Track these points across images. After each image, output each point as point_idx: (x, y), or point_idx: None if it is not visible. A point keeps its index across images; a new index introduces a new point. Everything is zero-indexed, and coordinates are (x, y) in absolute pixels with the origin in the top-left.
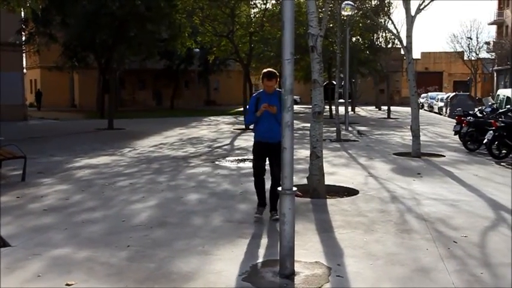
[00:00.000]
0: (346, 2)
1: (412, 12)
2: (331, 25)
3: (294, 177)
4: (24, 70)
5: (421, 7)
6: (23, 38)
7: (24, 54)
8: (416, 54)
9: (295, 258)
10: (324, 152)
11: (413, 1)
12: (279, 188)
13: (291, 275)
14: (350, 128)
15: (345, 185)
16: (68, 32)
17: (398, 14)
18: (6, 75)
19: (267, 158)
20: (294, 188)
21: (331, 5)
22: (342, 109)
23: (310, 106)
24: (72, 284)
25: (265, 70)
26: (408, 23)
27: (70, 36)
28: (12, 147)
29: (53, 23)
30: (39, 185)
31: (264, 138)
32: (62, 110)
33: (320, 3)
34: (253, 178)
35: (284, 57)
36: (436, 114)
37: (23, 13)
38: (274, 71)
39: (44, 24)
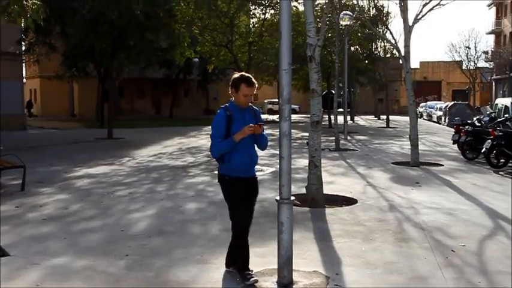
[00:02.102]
0: (344, 12)
1: (410, 22)
2: (329, 35)
3: (292, 187)
4: (24, 80)
5: (418, 17)
6: (23, 48)
7: (24, 64)
8: (415, 63)
9: (294, 267)
10: (323, 161)
11: (411, 11)
12: (277, 198)
13: (289, 284)
14: (349, 137)
15: (343, 194)
16: (67, 42)
17: (396, 24)
18: (6, 85)
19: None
20: (292, 197)
21: (330, 15)
22: (340, 118)
23: (309, 115)
24: None
25: (237, 75)
26: (406, 32)
27: (69, 45)
28: (11, 157)
29: (53, 33)
30: (38, 194)
31: (245, 171)
32: (61, 119)
33: (318, 13)
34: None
35: (281, 67)
36: (434, 123)
37: (23, 23)
38: (251, 76)
39: (44, 34)
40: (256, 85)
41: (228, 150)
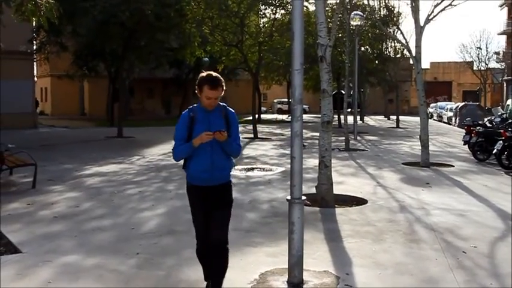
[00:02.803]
0: (355, 12)
1: (421, 23)
2: (340, 35)
3: (303, 187)
4: (35, 78)
5: (430, 17)
6: (34, 47)
7: (35, 63)
8: (425, 64)
9: (304, 267)
10: (333, 161)
11: (422, 11)
12: (288, 197)
13: (299, 284)
14: (359, 138)
15: (353, 195)
16: (78, 41)
17: (407, 24)
18: (17, 84)
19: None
20: (303, 197)
21: (340, 15)
22: (350, 118)
23: (319, 115)
24: None
25: (204, 74)
26: (417, 33)
27: (80, 45)
28: (23, 155)
29: (64, 33)
30: (49, 192)
31: (203, 179)
32: (71, 118)
33: (329, 14)
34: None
35: (294, 67)
36: (445, 124)
37: (34, 22)
38: (219, 76)
39: (56, 33)
40: (224, 87)
41: (187, 155)
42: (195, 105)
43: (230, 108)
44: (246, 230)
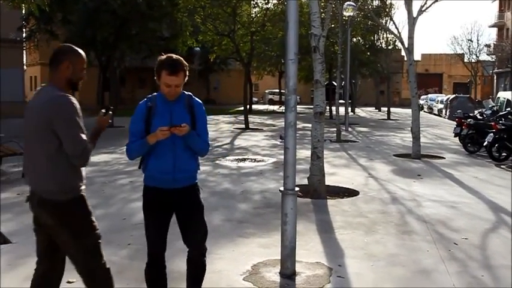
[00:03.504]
0: (347, 2)
1: (414, 14)
2: (332, 26)
3: (296, 177)
4: (25, 67)
5: (423, 9)
6: (24, 35)
7: (24, 51)
8: (416, 55)
9: (296, 258)
10: (324, 152)
11: (415, 2)
12: (281, 188)
13: (292, 275)
14: (350, 129)
15: (345, 186)
16: (69, 29)
17: (399, 15)
18: (7, 72)
19: (175, 217)
20: (297, 188)
21: (333, 6)
22: (342, 110)
23: (310, 106)
24: (73, 282)
25: (163, 56)
26: (410, 24)
27: (71, 33)
28: (12, 144)
29: (54, 20)
30: None
31: (163, 181)
32: None
33: (322, 4)
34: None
35: (288, 58)
36: (435, 116)
37: (23, 10)
38: (181, 59)
39: (46, 21)
40: (186, 72)
41: (143, 153)
42: (155, 93)
43: (196, 98)
44: (238, 221)
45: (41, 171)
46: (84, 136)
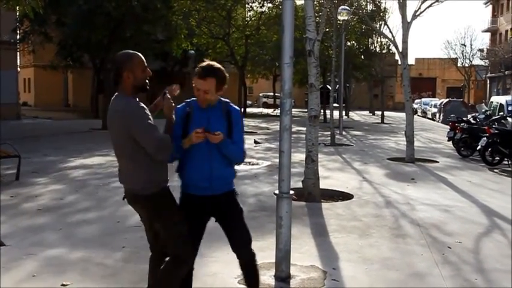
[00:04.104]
0: (342, 7)
1: (408, 18)
2: (327, 29)
3: (290, 181)
4: (18, 69)
5: (417, 13)
6: (18, 37)
7: (18, 53)
8: (410, 60)
9: (291, 262)
10: (319, 156)
11: (409, 7)
12: (276, 192)
13: (286, 278)
14: (344, 133)
15: (339, 189)
16: (63, 32)
17: (394, 20)
18: (0, 74)
19: (219, 224)
20: (291, 192)
21: (328, 10)
22: (336, 113)
23: (304, 110)
24: (67, 285)
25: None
26: (404, 28)
27: (65, 35)
28: (6, 146)
29: (48, 22)
30: (33, 185)
31: (200, 188)
32: (55, 110)
33: (317, 8)
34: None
35: (283, 61)
36: (429, 120)
37: (18, 12)
38: (215, 66)
39: (40, 23)
40: (219, 78)
41: (178, 157)
42: (194, 99)
43: (234, 105)
44: None
45: (128, 171)
46: (155, 133)
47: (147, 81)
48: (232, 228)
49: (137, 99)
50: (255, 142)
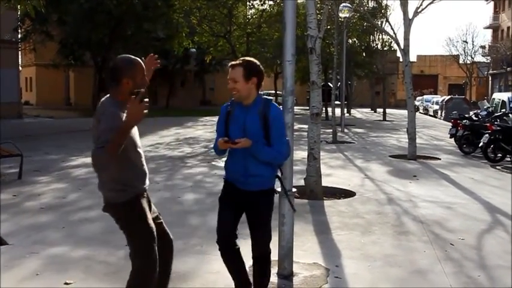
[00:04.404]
0: (343, 4)
1: (410, 15)
2: (328, 27)
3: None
4: (20, 68)
5: (418, 10)
6: (19, 36)
7: (20, 52)
8: (412, 57)
9: (294, 259)
10: (321, 153)
11: (410, 4)
12: (278, 189)
13: (289, 276)
14: (346, 130)
15: (341, 187)
16: (64, 30)
17: (395, 17)
18: (2, 73)
19: (243, 213)
20: (294, 189)
21: (329, 7)
22: (337, 111)
23: (306, 107)
24: (70, 283)
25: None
26: (406, 25)
27: (66, 34)
28: (8, 145)
29: (50, 21)
30: (35, 183)
31: (236, 180)
32: (57, 108)
33: (318, 5)
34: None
35: (285, 59)
36: (431, 117)
37: (19, 11)
38: (247, 59)
39: (41, 22)
40: (249, 70)
41: (220, 153)
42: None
43: (274, 104)
44: None
45: (101, 178)
46: (106, 138)
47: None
48: (256, 226)
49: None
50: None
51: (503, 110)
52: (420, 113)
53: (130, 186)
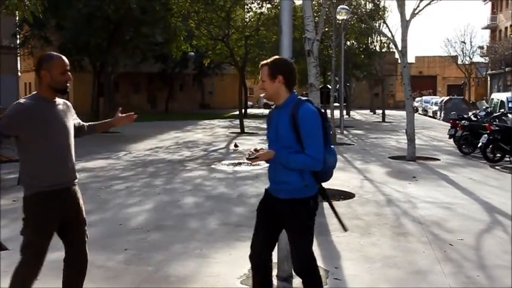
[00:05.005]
0: (341, 6)
1: (407, 17)
2: (326, 29)
3: None
4: (19, 73)
5: (415, 11)
6: (18, 41)
7: (18, 58)
8: (410, 58)
9: None
10: None
11: (408, 5)
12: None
13: (289, 278)
14: (345, 132)
15: (340, 189)
16: (62, 35)
17: (393, 18)
18: (1, 79)
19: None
20: None
21: (327, 9)
22: (336, 113)
23: None
24: None
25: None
26: (403, 27)
27: (65, 39)
28: (7, 151)
29: (48, 26)
30: None
31: (271, 188)
32: None
33: (316, 8)
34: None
35: None
36: (430, 118)
37: (17, 16)
38: (273, 57)
39: (39, 27)
40: (272, 70)
41: None
42: None
43: (307, 105)
44: (235, 225)
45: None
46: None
47: (67, 84)
48: (289, 239)
49: (55, 100)
50: (235, 146)
51: (502, 110)
52: (419, 114)
53: (38, 184)
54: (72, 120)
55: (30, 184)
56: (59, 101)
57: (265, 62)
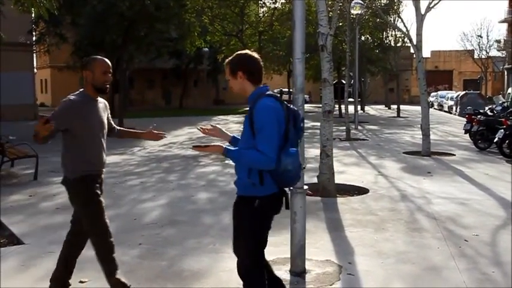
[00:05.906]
0: (355, 1)
1: (422, 11)
2: (340, 24)
3: (304, 176)
4: (35, 70)
5: (430, 5)
6: (34, 38)
7: (34, 54)
8: (426, 52)
9: (306, 256)
10: (334, 150)
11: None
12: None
13: (302, 273)
14: (360, 127)
15: (355, 184)
16: (77, 32)
17: (408, 13)
18: (17, 75)
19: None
20: (305, 187)
21: (341, 4)
22: (351, 108)
23: (320, 105)
24: (85, 281)
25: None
26: (418, 21)
27: (80, 36)
28: (24, 147)
29: (63, 23)
30: (51, 184)
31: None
32: None
33: (330, 2)
34: None
35: (295, 56)
36: (445, 113)
37: (33, 13)
38: (237, 54)
39: (55, 24)
40: (230, 68)
41: None
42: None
43: (263, 100)
44: None
45: (62, 155)
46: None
47: (106, 85)
48: (235, 236)
49: (98, 99)
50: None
51: None
52: (435, 108)
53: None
54: (107, 119)
55: (74, 169)
56: (100, 100)
57: (227, 60)
